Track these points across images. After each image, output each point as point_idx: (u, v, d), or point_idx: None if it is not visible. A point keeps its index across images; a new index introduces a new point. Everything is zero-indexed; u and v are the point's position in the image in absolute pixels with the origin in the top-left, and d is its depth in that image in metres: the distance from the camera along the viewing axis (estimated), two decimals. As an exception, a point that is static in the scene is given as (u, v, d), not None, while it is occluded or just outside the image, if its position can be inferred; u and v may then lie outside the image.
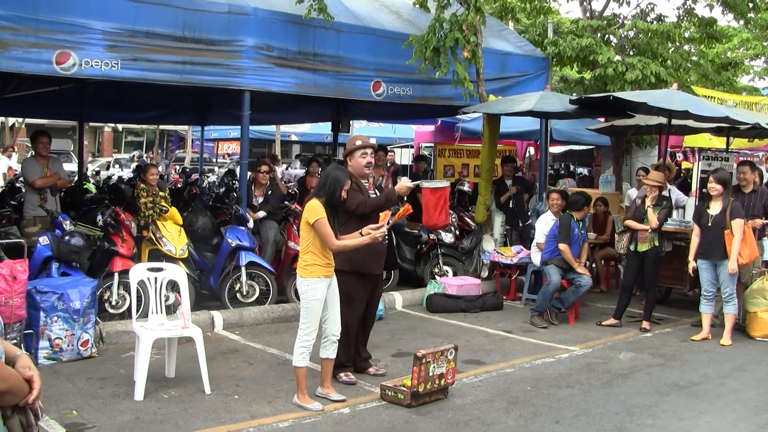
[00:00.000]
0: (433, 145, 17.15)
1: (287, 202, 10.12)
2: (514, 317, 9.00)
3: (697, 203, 9.22)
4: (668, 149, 11.70)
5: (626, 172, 14.55)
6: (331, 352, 5.75)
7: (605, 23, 13.99)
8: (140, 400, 5.58)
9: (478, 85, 10.33)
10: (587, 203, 9.00)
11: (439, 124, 15.77)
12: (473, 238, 11.06)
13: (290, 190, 13.39)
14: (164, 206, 8.36)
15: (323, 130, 23.57)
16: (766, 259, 8.78)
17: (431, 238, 10.14)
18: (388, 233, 6.36)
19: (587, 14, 14.63)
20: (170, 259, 7.80)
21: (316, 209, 5.49)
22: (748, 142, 13.86)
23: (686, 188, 12.19)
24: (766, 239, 8.80)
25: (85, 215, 9.48)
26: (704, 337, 8.07)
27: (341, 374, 6.20)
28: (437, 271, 10.08)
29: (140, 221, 8.24)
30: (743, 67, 24.84)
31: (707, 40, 15.06)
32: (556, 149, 19.72)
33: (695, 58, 16.73)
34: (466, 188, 14.34)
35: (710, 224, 8.02)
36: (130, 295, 6.80)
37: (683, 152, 17.72)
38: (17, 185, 12.90)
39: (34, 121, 26.64)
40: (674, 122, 10.06)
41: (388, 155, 14.67)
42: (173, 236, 8.15)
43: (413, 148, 21.77)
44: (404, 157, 31.93)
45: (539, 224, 9.28)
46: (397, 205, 6.29)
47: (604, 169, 15.35)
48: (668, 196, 9.38)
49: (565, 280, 8.69)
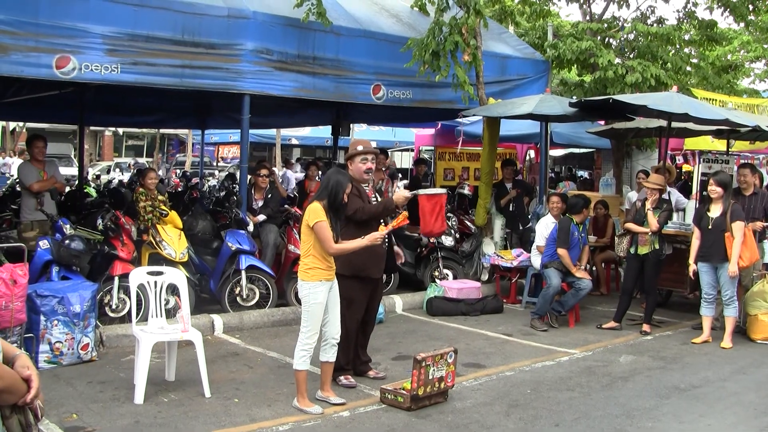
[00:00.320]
0: (433, 148, 17.16)
1: (287, 205, 10.12)
2: (514, 320, 9.00)
3: (697, 206, 9.21)
4: (668, 152, 11.69)
5: (626, 175, 14.55)
6: (330, 355, 5.75)
7: (605, 26, 14.01)
8: (140, 403, 5.58)
9: (477, 88, 10.32)
10: (586, 206, 8.99)
11: (439, 127, 15.78)
12: (473, 241, 11.06)
13: (290, 193, 13.41)
14: (164, 210, 8.36)
15: (323, 133, 23.58)
16: (766, 261, 8.77)
17: (431, 241, 10.14)
18: (387, 237, 6.36)
19: (587, 17, 14.64)
20: (170, 262, 7.79)
21: (317, 212, 5.50)
22: (749, 144, 13.85)
23: (687, 191, 12.18)
24: (766, 242, 8.79)
25: (85, 219, 9.50)
26: (705, 340, 8.07)
27: (341, 377, 6.21)
28: (437, 274, 10.08)
29: (140, 225, 8.24)
30: (744, 69, 24.83)
31: (707, 42, 15.07)
32: (556, 152, 19.72)
33: (695, 60, 16.72)
34: (466, 191, 14.35)
35: (710, 227, 8.03)
36: (130, 298, 6.79)
37: (683, 155, 17.68)
38: (18, 189, 12.90)
39: (35, 125, 26.68)
40: (674, 125, 10.05)
41: (387, 159, 14.69)
42: (173, 240, 8.15)
43: (413, 151, 21.77)
44: (404, 160, 31.99)
45: (539, 227, 9.29)
46: (395, 212, 6.28)
47: (604, 172, 15.33)
48: (668, 198, 9.38)
49: (565, 283, 8.69)
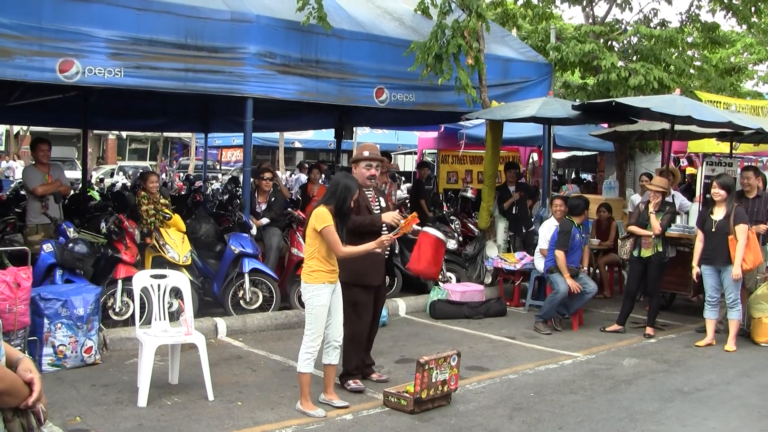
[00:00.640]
0: (436, 151, 17.16)
1: (290, 208, 10.13)
2: (517, 323, 8.99)
3: (700, 209, 9.20)
4: (672, 154, 11.67)
5: (630, 177, 14.53)
6: (333, 358, 5.75)
7: (608, 29, 14.01)
8: (143, 406, 5.58)
9: (480, 91, 10.33)
10: (587, 207, 8.99)
11: (442, 130, 15.77)
12: (476, 244, 11.05)
13: (293, 196, 13.42)
14: (167, 213, 8.38)
15: (327, 136, 23.65)
16: (770, 264, 8.76)
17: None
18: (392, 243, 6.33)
19: (590, 20, 14.65)
20: (173, 266, 7.81)
21: (323, 216, 5.49)
22: (753, 146, 13.83)
23: (690, 193, 12.15)
24: (770, 244, 8.78)
25: (89, 222, 9.53)
26: (708, 342, 8.05)
27: (350, 382, 6.18)
28: (440, 277, 10.06)
29: (143, 228, 8.25)
30: (747, 72, 24.79)
31: (710, 45, 15.06)
32: (559, 155, 19.67)
33: (698, 63, 16.71)
34: (469, 194, 14.35)
35: (714, 230, 8.02)
36: (133, 301, 6.82)
37: (687, 157, 17.64)
38: (22, 193, 12.94)
39: (38, 128, 26.74)
40: (677, 128, 10.05)
41: (390, 162, 14.69)
42: (176, 243, 8.16)
43: (416, 154, 21.77)
44: (408, 163, 32.01)
45: (542, 230, 9.28)
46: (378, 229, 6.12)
47: (607, 174, 15.33)
48: (672, 201, 9.37)
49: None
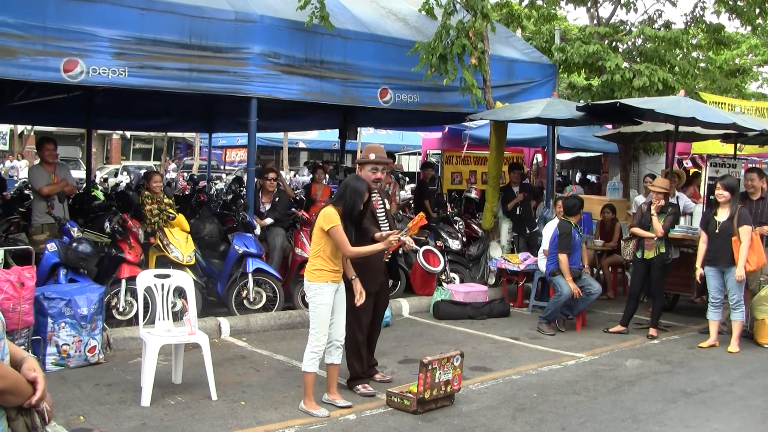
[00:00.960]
0: (440, 152, 17.16)
1: (294, 209, 10.14)
2: (521, 324, 8.98)
3: (704, 210, 9.19)
4: (676, 156, 11.65)
5: (634, 178, 14.52)
6: (335, 357, 5.75)
7: (612, 30, 14.00)
8: (147, 406, 5.59)
9: (485, 91, 10.32)
10: (582, 206, 8.98)
11: (446, 131, 15.77)
12: (480, 245, 11.05)
13: (297, 196, 13.43)
14: (171, 213, 8.39)
15: (331, 137, 23.61)
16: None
17: (438, 245, 10.13)
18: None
19: (594, 21, 14.64)
20: (177, 265, 7.82)
21: (331, 217, 5.50)
22: (758, 148, 13.81)
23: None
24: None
25: (93, 222, 9.54)
26: (711, 344, 8.04)
27: (359, 386, 6.14)
28: (444, 278, 10.06)
29: (147, 228, 8.27)
30: (752, 73, 24.75)
31: (715, 46, 15.04)
32: (563, 156, 19.67)
33: (703, 64, 16.68)
34: (473, 195, 14.33)
35: (718, 231, 8.01)
36: (137, 301, 6.83)
37: (691, 159, 17.62)
38: (26, 192, 12.97)
39: (43, 128, 26.78)
40: (682, 129, 10.03)
41: (394, 163, 14.68)
42: (180, 243, 8.18)
43: (420, 155, 21.76)
44: (412, 163, 32.01)
45: (546, 231, 9.27)
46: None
47: (611, 175, 15.31)
48: (675, 203, 9.35)
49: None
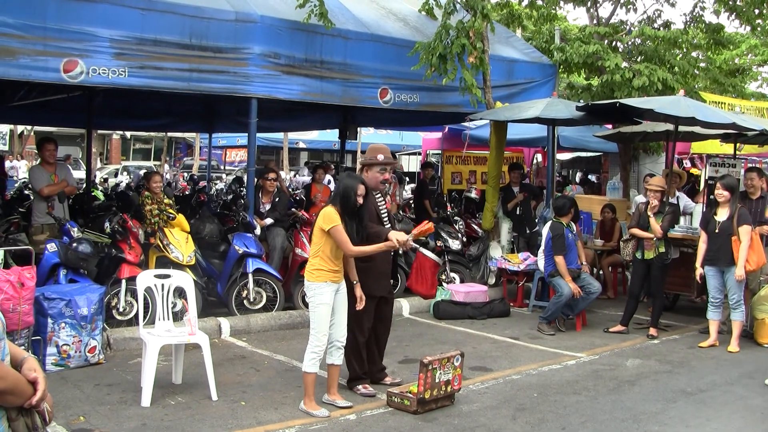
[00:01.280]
0: (440, 152, 17.16)
1: (294, 209, 10.14)
2: (521, 324, 8.98)
3: (704, 210, 9.19)
4: (675, 155, 11.65)
5: (634, 178, 14.52)
6: (336, 358, 5.75)
7: (612, 30, 14.00)
8: (147, 406, 5.59)
9: (485, 91, 10.33)
10: (573, 206, 8.97)
11: (446, 131, 15.77)
12: (480, 245, 11.05)
13: (296, 196, 13.43)
14: (171, 213, 8.39)
15: (331, 137, 23.61)
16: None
17: (438, 245, 10.14)
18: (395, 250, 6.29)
19: (594, 21, 14.64)
20: (177, 265, 7.83)
21: (331, 216, 5.51)
22: (758, 147, 13.81)
23: (693, 194, 12.14)
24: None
25: (93, 222, 9.54)
26: (711, 343, 8.04)
27: (359, 387, 6.14)
28: (444, 278, 10.07)
29: (147, 228, 8.27)
30: (751, 73, 24.75)
31: (714, 46, 15.03)
32: (563, 156, 19.68)
33: (703, 64, 16.67)
34: (473, 195, 14.33)
35: (717, 231, 8.01)
36: (137, 301, 6.83)
37: (690, 159, 17.63)
38: (26, 192, 12.97)
39: (43, 128, 26.78)
40: (681, 129, 10.02)
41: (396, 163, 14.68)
42: (180, 243, 8.18)
43: (420, 155, 21.77)
44: (412, 163, 32.01)
45: (546, 231, 9.25)
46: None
47: (611, 175, 15.31)
48: (674, 202, 9.35)
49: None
